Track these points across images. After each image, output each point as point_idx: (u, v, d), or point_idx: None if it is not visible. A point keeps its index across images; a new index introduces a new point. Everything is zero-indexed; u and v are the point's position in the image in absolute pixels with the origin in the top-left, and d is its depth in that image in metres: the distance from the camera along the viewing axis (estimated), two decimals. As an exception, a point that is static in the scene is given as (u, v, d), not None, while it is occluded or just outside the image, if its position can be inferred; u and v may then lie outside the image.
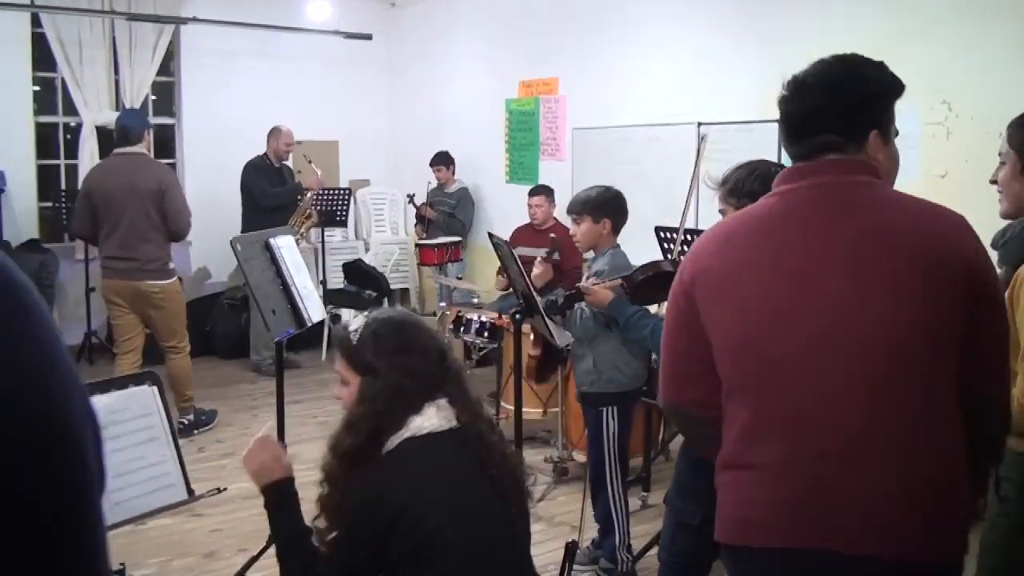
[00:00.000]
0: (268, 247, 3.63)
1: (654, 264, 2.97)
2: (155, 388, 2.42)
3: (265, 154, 7.02)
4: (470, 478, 1.97)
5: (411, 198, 7.78)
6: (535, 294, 3.25)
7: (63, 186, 7.47)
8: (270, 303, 3.50)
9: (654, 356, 3.50)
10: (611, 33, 6.23)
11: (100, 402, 2.30)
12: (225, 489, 2.80)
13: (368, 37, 7.81)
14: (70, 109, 7.41)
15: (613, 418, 3.59)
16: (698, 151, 4.06)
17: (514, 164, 7.42)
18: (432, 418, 1.97)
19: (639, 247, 3.83)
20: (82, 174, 7.27)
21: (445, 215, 7.47)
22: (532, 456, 5.25)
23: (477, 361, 6.14)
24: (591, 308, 3.29)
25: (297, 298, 3.63)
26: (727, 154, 4.61)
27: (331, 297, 7.52)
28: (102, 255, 5.41)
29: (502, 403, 5.54)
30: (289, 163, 7.32)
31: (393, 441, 1.96)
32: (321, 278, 7.71)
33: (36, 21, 7.10)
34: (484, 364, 6.16)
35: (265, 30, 7.80)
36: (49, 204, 7.23)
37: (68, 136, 7.63)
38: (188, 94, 7.91)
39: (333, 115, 8.41)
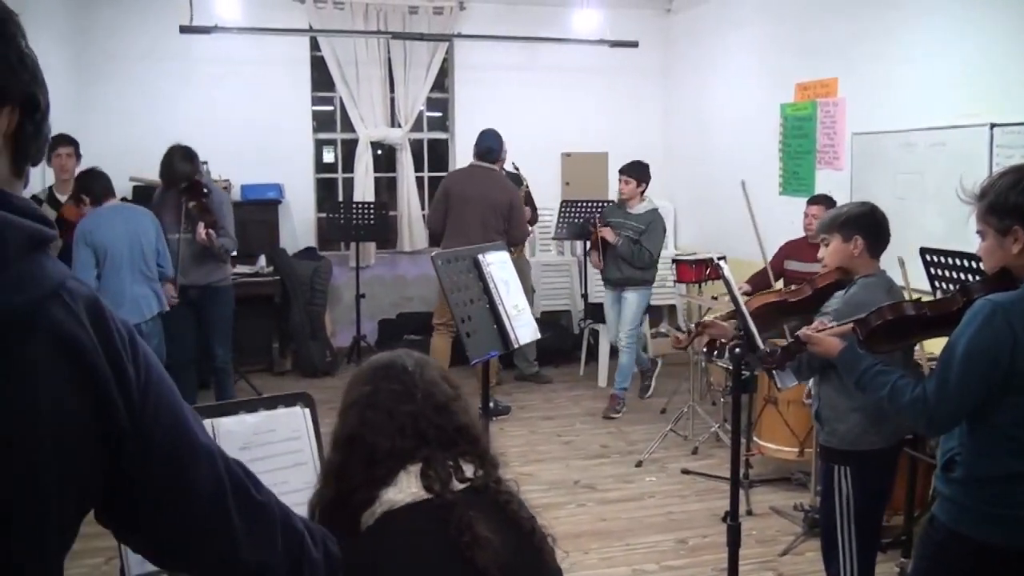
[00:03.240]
0: (476, 264, 3.48)
1: (895, 306, 2.39)
2: (307, 410, 2.29)
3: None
4: (440, 566, 1.61)
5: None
6: (755, 331, 2.79)
7: (340, 198, 7.90)
8: (471, 323, 3.33)
9: None
10: (893, 25, 5.51)
11: (246, 421, 2.22)
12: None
13: (635, 45, 7.55)
14: (347, 126, 7.82)
15: (846, 479, 2.99)
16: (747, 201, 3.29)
17: (788, 174, 6.81)
18: (403, 489, 1.64)
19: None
20: (358, 187, 7.69)
21: (629, 242, 6.31)
22: (782, 501, 4.75)
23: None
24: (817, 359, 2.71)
25: (504, 318, 3.44)
26: (1027, 161, 3.87)
27: (591, 312, 7.35)
28: (447, 247, 6.00)
29: (755, 439, 5.06)
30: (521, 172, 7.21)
31: (368, 518, 1.65)
32: (583, 291, 7.59)
33: (315, 45, 7.58)
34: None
35: (531, 42, 7.79)
36: (325, 215, 7.66)
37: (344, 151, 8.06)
38: (461, 109, 8.08)
39: (602, 126, 8.27)
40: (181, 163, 5.23)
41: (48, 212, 5.31)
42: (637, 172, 6.45)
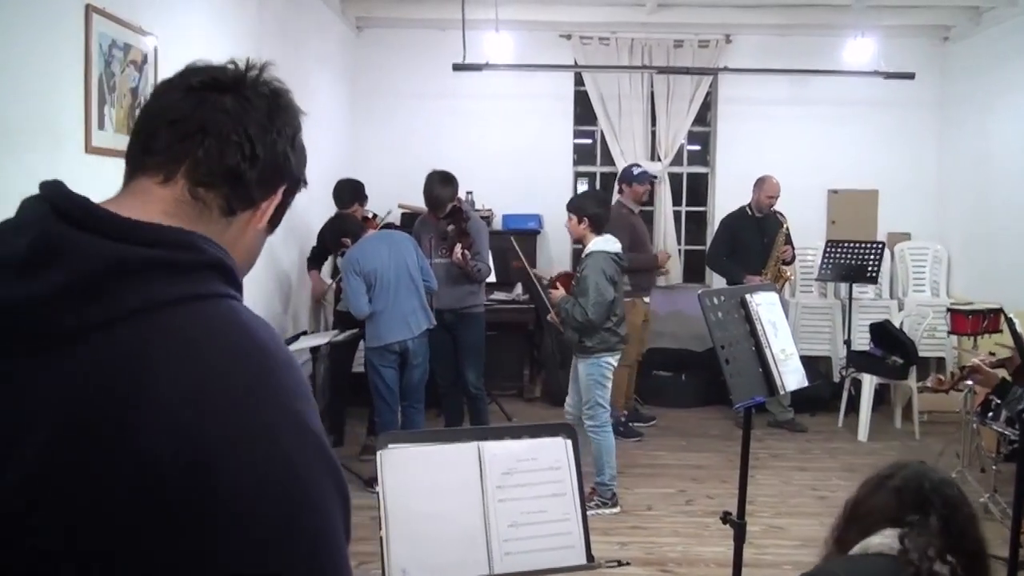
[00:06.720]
0: (743, 303, 3.36)
1: None
2: (569, 442, 2.31)
3: (748, 204, 6.85)
4: None
5: None
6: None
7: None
8: (736, 365, 3.21)
9: None
10: None
11: (510, 447, 2.26)
12: (627, 563, 2.48)
13: (911, 76, 7.10)
14: (605, 159, 7.91)
15: None
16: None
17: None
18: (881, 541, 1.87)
19: None
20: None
21: (571, 298, 5.07)
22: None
23: (1006, 456, 5.17)
24: None
25: (770, 362, 3.30)
26: None
27: (853, 359, 6.95)
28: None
29: (1025, 515, 4.54)
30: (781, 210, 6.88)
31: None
32: (846, 337, 7.21)
33: (579, 80, 7.78)
34: (1013, 460, 5.13)
35: (799, 75, 7.55)
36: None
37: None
38: (722, 143, 7.96)
39: (872, 162, 7.87)
40: (440, 188, 5.43)
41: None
42: (573, 205, 5.13)
